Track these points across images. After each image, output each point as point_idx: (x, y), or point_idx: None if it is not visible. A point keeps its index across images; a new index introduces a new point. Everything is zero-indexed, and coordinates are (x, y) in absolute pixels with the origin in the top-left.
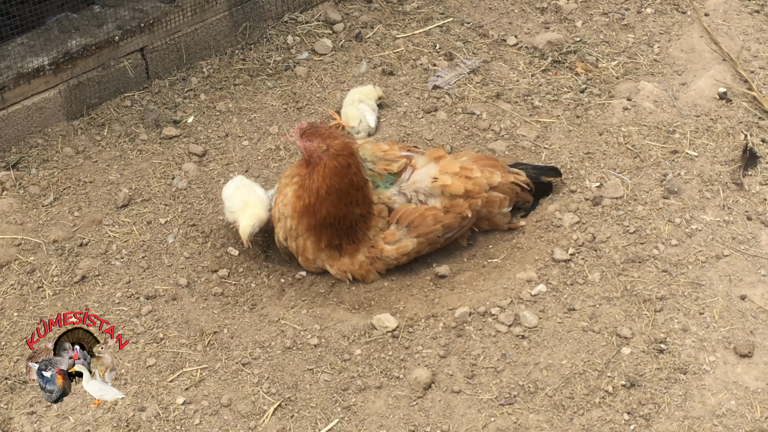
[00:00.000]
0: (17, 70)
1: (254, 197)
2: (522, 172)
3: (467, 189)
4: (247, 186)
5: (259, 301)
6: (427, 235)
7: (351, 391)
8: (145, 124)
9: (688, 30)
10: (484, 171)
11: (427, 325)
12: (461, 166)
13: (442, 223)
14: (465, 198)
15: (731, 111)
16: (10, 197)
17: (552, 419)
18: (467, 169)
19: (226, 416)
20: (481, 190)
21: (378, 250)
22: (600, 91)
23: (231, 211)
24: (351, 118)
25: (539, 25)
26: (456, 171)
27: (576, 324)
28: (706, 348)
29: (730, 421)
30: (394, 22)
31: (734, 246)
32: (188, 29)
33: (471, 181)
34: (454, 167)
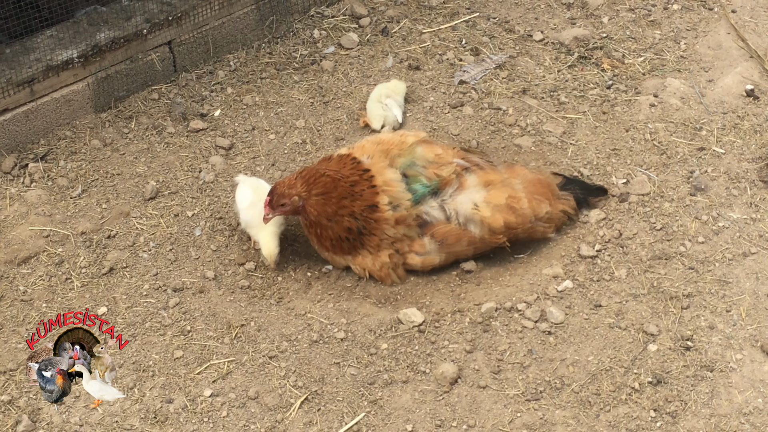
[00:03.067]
0: (46, 63)
1: None
2: (571, 197)
3: (508, 222)
4: (262, 200)
5: (286, 294)
6: (457, 254)
7: (377, 385)
8: (172, 117)
9: (715, 26)
10: (533, 201)
11: (453, 320)
12: (509, 195)
13: (474, 246)
14: (505, 230)
15: (758, 108)
16: (38, 189)
17: (578, 415)
18: (514, 199)
19: (253, 409)
20: (525, 222)
21: (403, 256)
22: (626, 88)
23: (247, 225)
24: (374, 118)
25: (565, 21)
26: (501, 203)
27: (602, 320)
28: (733, 346)
29: (757, 419)
30: (420, 17)
31: (761, 244)
32: (215, 23)
33: (515, 213)
34: (501, 198)
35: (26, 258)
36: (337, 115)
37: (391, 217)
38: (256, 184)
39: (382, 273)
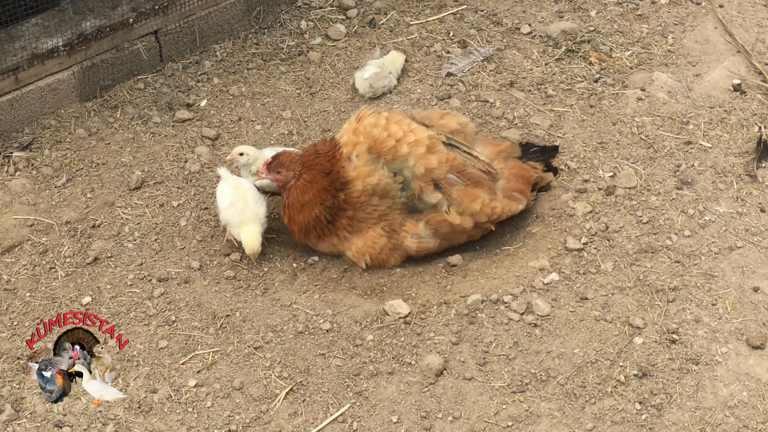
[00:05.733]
0: (31, 51)
1: (249, 212)
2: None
3: (477, 222)
4: (242, 200)
5: (272, 285)
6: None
7: (363, 377)
8: (158, 107)
9: (703, 21)
10: (511, 203)
11: (439, 312)
12: (483, 204)
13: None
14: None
15: (745, 103)
16: (23, 178)
17: (564, 407)
18: (488, 206)
19: (238, 399)
20: (497, 219)
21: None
22: (614, 81)
23: (228, 223)
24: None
25: (553, 14)
26: (475, 211)
27: (588, 313)
28: (719, 339)
29: (741, 413)
30: (408, 9)
31: (747, 238)
32: (202, 12)
33: (486, 215)
34: (475, 207)
35: (10, 247)
36: (323, 107)
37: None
38: (236, 182)
39: (383, 256)
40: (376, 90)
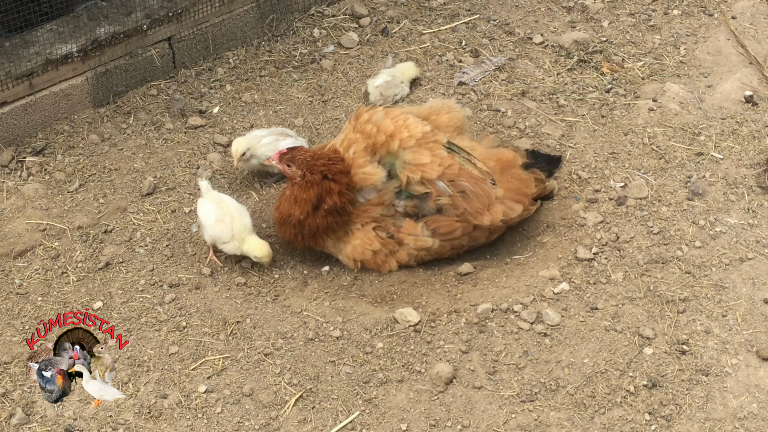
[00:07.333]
0: (46, 57)
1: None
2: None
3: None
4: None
5: (282, 292)
6: (452, 243)
7: (372, 384)
8: (170, 113)
9: (715, 32)
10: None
11: (449, 320)
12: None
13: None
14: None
15: (757, 114)
16: (35, 183)
17: (573, 417)
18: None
19: (248, 405)
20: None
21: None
22: (625, 92)
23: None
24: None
25: (565, 24)
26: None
27: (598, 323)
28: (729, 350)
29: (751, 424)
30: (421, 18)
31: (758, 249)
32: (215, 20)
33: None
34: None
35: (22, 251)
36: (335, 114)
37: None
38: (217, 198)
39: (377, 259)
40: (387, 98)
